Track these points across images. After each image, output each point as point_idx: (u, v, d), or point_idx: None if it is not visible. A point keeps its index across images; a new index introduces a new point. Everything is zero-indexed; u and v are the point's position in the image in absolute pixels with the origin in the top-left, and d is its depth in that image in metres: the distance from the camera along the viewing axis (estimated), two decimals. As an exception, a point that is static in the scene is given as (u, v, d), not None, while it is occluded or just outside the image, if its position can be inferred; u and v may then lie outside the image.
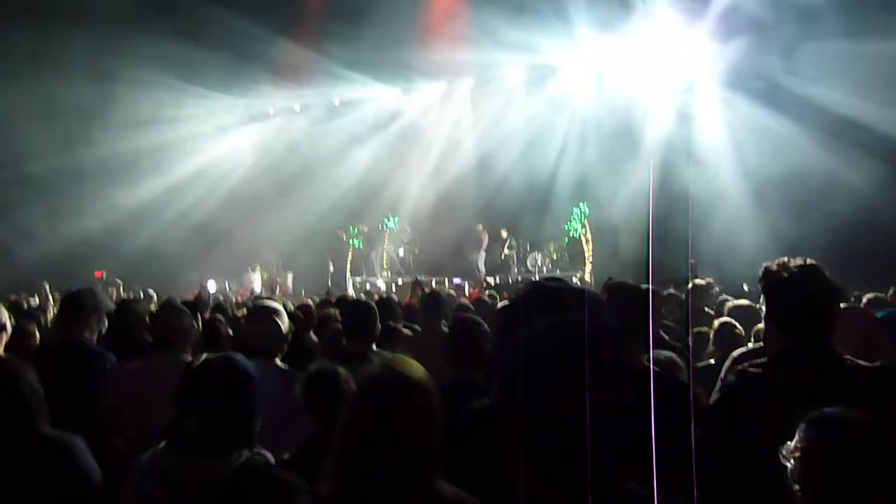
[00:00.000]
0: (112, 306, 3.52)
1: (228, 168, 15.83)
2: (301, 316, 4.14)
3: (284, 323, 3.02)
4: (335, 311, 4.28)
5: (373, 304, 3.35)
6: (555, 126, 13.25)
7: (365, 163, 14.77)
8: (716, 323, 3.80)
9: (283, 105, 15.88)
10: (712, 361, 3.54)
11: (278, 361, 2.93)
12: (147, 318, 3.48)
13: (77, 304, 3.24)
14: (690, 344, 3.25)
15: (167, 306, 3.18)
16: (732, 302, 4.53)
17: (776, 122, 10.09)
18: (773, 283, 1.90)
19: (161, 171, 14.91)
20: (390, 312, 4.12)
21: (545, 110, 13.17)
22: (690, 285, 5.33)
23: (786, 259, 2.00)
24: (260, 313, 3.06)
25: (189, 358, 2.31)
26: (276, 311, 3.02)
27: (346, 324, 3.36)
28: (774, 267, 1.99)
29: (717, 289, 6.73)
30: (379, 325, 3.20)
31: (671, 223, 7.43)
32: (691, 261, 7.80)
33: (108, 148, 13.71)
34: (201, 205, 14.98)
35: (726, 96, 11.18)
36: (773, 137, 10.01)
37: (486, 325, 2.79)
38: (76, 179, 13.71)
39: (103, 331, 3.37)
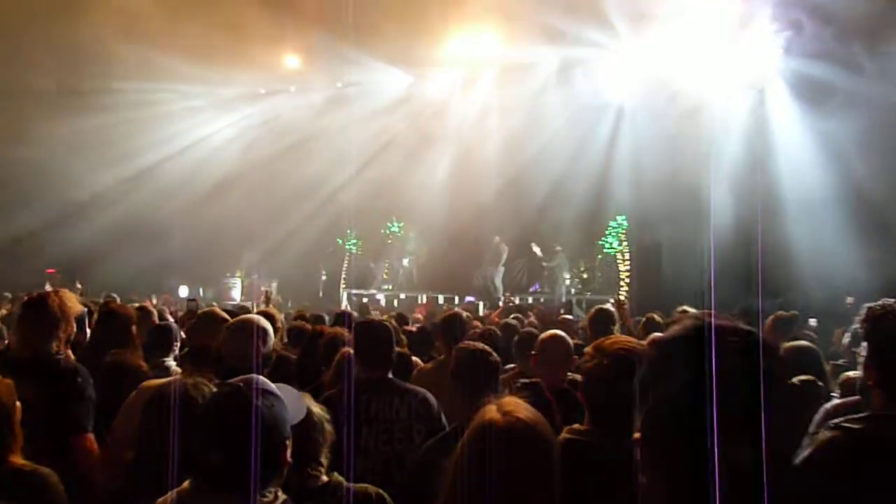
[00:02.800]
0: (82, 308, 3.45)
1: (206, 155, 15.70)
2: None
3: (269, 339, 3.11)
4: (343, 331, 4.12)
5: (391, 325, 3.43)
6: (591, 128, 13.30)
7: (368, 157, 14.77)
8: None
9: (276, 85, 15.68)
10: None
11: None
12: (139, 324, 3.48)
13: (42, 312, 3.16)
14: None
15: (210, 316, 3.33)
16: (791, 343, 4.43)
17: (858, 129, 10.14)
18: (879, 330, 1.89)
19: (127, 157, 14.93)
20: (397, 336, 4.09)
21: (580, 108, 13.11)
22: (770, 317, 5.19)
23: (892, 301, 2.00)
24: (241, 328, 3.08)
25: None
26: (258, 326, 3.06)
27: (361, 347, 3.34)
28: (879, 310, 1.99)
29: (813, 321, 6.85)
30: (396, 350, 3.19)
31: (733, 241, 7.42)
32: (778, 299, 7.73)
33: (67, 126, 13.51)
34: (172, 196, 14.91)
35: (797, 100, 11.39)
36: (857, 147, 10.17)
37: (496, 356, 2.95)
38: (29, 168, 13.69)
39: (71, 337, 3.31)
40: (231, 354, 3.08)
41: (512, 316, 7.01)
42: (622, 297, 11.21)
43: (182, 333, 4.19)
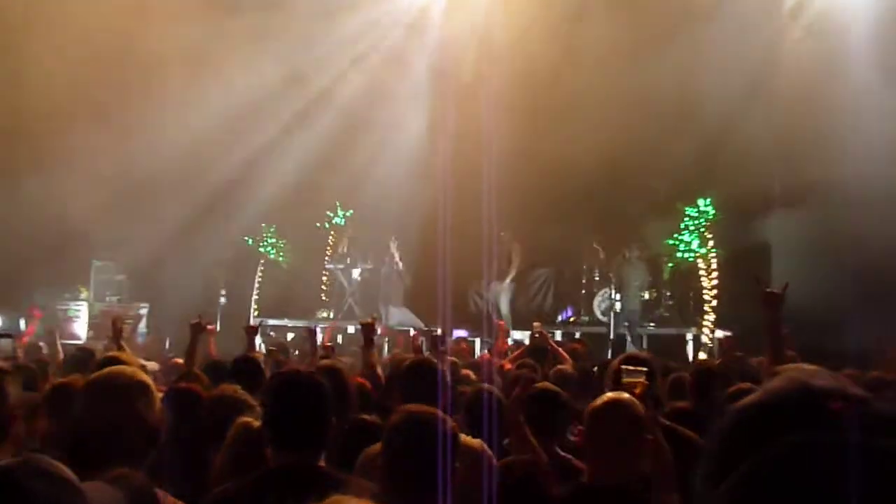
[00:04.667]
0: None
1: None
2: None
3: (152, 406, 2.86)
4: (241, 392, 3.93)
5: (324, 383, 3.13)
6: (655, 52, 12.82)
7: (293, 117, 14.48)
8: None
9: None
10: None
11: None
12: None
13: None
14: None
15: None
16: None
17: None
18: None
19: None
20: (341, 393, 3.84)
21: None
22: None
23: None
24: (102, 388, 2.92)
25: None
26: (137, 383, 2.88)
27: (272, 417, 3.09)
28: None
29: None
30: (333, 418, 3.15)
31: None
32: None
33: None
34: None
35: None
36: None
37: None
38: None
39: None
40: (93, 431, 2.79)
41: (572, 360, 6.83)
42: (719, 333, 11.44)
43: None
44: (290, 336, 13.84)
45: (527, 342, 10.55)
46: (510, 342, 11.97)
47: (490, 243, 13.33)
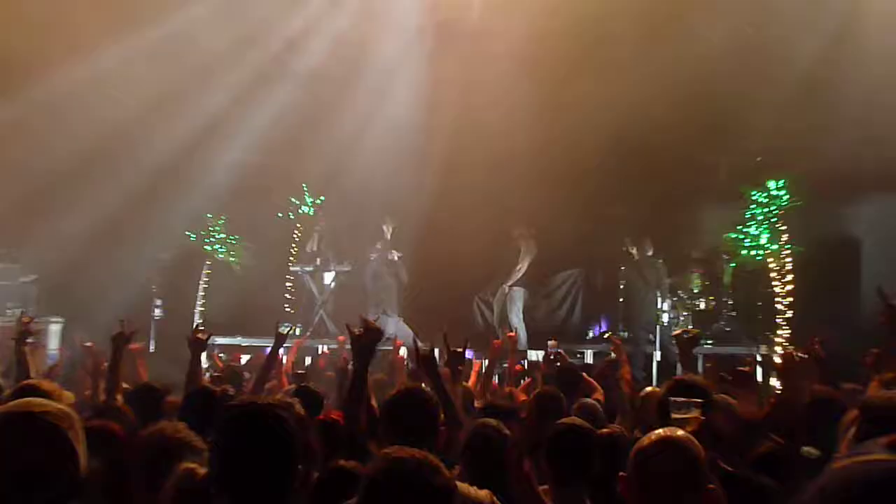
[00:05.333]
0: None
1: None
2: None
3: (80, 447, 2.72)
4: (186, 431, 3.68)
5: (289, 418, 2.86)
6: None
7: (247, 81, 13.17)
8: None
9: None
10: None
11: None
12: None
13: None
14: None
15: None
16: None
17: None
18: None
19: None
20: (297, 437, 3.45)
21: None
22: None
23: None
24: (18, 426, 2.76)
25: None
26: (54, 420, 2.73)
27: (221, 463, 2.82)
28: None
29: None
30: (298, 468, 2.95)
31: None
32: None
33: None
34: None
35: None
36: None
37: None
38: None
39: None
40: (7, 479, 2.67)
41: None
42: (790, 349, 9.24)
43: None
44: (244, 359, 12.35)
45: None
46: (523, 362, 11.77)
47: (501, 241, 13.32)
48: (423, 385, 4.49)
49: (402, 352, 10.10)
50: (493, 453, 3.56)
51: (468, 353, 11.75)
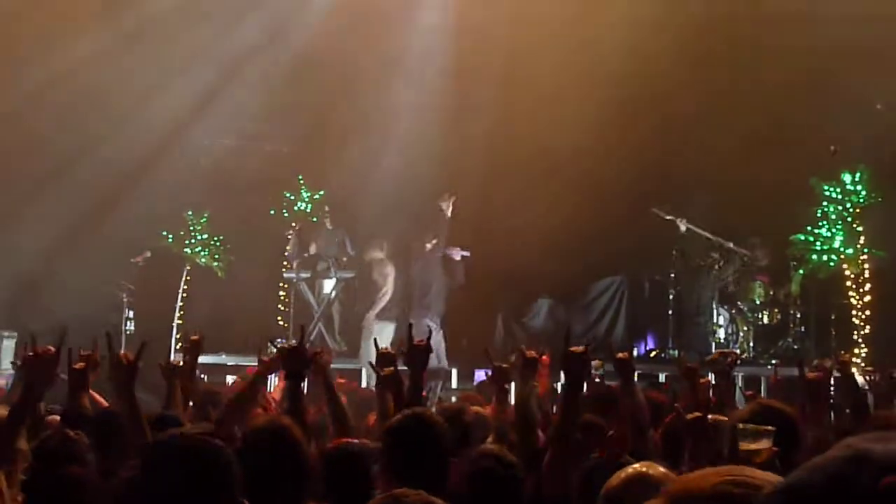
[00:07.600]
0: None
1: None
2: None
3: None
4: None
5: (225, 451, 2.67)
6: None
7: (232, 52, 12.65)
8: None
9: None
10: None
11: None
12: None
13: None
14: None
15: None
16: None
17: None
18: None
19: None
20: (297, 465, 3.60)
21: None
22: None
23: None
24: None
25: None
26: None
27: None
28: None
29: None
30: None
31: None
32: None
33: None
34: None
35: None
36: None
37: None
38: None
39: None
40: None
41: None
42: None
43: None
44: (229, 380, 11.23)
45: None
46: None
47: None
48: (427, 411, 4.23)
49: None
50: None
51: (478, 374, 11.22)
